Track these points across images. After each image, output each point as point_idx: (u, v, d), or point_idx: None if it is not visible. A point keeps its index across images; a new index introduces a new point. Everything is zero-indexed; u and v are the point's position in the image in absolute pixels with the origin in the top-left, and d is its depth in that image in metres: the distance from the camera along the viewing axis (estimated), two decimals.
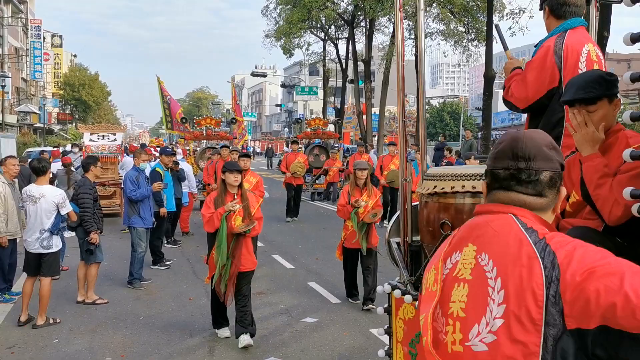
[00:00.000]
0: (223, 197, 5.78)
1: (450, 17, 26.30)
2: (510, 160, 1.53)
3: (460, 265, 1.53)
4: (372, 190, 7.14)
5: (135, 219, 8.24)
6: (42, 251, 6.45)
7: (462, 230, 1.59)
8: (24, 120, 43.61)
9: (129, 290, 7.96)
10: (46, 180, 6.68)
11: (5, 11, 41.17)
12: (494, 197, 1.57)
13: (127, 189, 8.28)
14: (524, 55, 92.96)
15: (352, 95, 46.37)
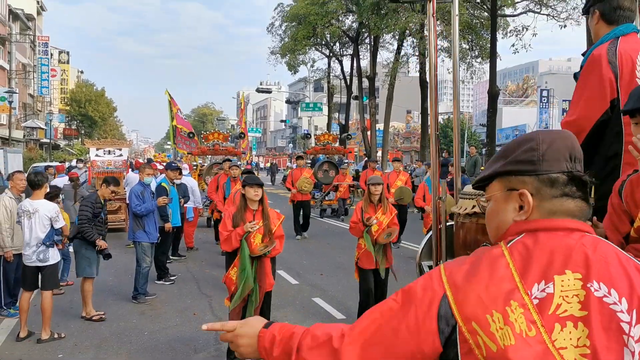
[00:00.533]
0: (242, 213, 5.47)
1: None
2: (567, 162, 1.31)
3: (558, 299, 1.19)
4: (388, 207, 6.72)
5: (140, 234, 8.25)
6: (39, 264, 6.45)
7: (536, 255, 1.25)
8: (30, 135, 43.89)
9: (133, 305, 7.97)
10: (42, 194, 6.68)
11: (13, 28, 41.65)
12: (562, 207, 1.30)
13: (132, 204, 8.30)
14: (527, 72, 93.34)
15: (356, 112, 46.60)
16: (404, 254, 11.44)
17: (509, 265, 1.24)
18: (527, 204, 1.32)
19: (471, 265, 1.28)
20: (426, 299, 1.26)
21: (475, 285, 1.22)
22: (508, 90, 70.04)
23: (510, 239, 1.31)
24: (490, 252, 1.29)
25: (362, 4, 28.13)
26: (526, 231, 1.30)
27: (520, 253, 1.26)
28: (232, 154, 17.19)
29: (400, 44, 29.17)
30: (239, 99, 19.89)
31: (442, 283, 1.27)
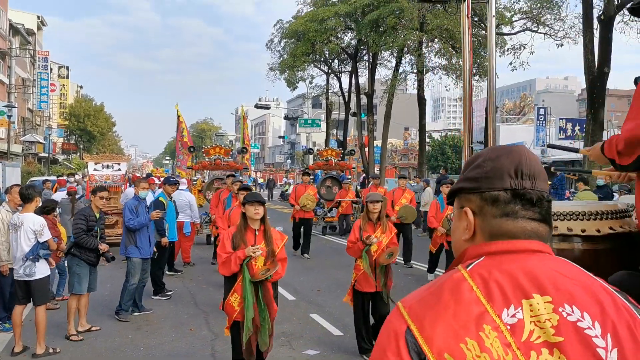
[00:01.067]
0: (243, 233, 5.08)
1: (452, 52, 26.65)
2: (511, 178, 1.23)
3: (530, 325, 1.11)
4: (387, 226, 6.40)
5: (132, 249, 8.13)
6: (25, 279, 6.37)
7: (499, 279, 1.16)
8: (29, 149, 43.88)
9: (130, 320, 7.91)
10: (32, 208, 6.64)
11: (14, 42, 41.86)
12: (501, 228, 1.23)
13: (126, 218, 8.21)
14: (525, 90, 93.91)
15: (354, 128, 46.73)
16: (416, 275, 11.38)
17: (473, 289, 1.15)
18: (469, 223, 1.26)
19: (431, 294, 1.18)
20: (392, 344, 1.14)
21: (442, 314, 1.12)
22: (505, 108, 70.35)
23: (469, 262, 1.22)
24: (451, 278, 1.19)
25: (360, 22, 28.38)
26: (486, 254, 1.22)
27: (482, 277, 1.16)
28: (234, 169, 16.80)
29: (399, 61, 29.38)
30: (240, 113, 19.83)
31: (402, 319, 1.16)
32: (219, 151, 16.83)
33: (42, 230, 6.50)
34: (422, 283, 10.55)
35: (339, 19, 30.03)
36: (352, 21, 30.74)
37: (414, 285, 10.31)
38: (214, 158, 16.54)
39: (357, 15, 29.51)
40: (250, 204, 5.09)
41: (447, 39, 25.64)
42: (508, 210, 1.23)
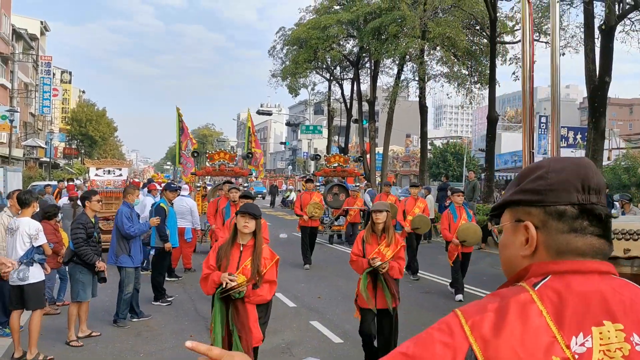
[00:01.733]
0: (229, 247, 4.59)
1: (454, 60, 26.73)
2: (579, 192, 1.16)
3: (598, 354, 1.05)
4: (393, 238, 5.82)
5: (124, 259, 7.88)
6: (19, 283, 6.33)
7: (569, 303, 1.10)
8: (30, 154, 43.97)
9: (129, 326, 7.91)
10: (29, 212, 6.62)
11: (16, 47, 42.01)
12: (569, 245, 1.16)
13: (125, 225, 7.84)
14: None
15: (356, 135, 46.84)
16: (426, 287, 11.32)
17: (542, 314, 1.08)
18: (531, 238, 1.18)
19: (496, 313, 1.10)
20: (448, 356, 1.08)
21: (509, 339, 1.05)
22: (507, 116, 70.41)
23: (535, 281, 1.14)
24: (517, 298, 1.11)
25: (363, 29, 28.49)
26: (553, 273, 1.14)
27: (551, 300, 1.09)
28: (239, 174, 16.26)
29: (400, 68, 29.47)
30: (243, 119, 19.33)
31: (465, 336, 1.09)
32: (224, 156, 16.21)
33: (38, 234, 6.47)
34: (434, 298, 10.54)
35: (341, 26, 30.15)
36: (354, 29, 30.86)
37: (424, 300, 10.31)
38: (218, 164, 15.93)
39: (360, 23, 29.63)
40: (241, 215, 4.58)
41: (448, 46, 25.72)
42: (576, 226, 1.16)
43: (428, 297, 10.06)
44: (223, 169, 15.87)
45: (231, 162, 16.13)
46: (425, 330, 1.16)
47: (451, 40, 24.20)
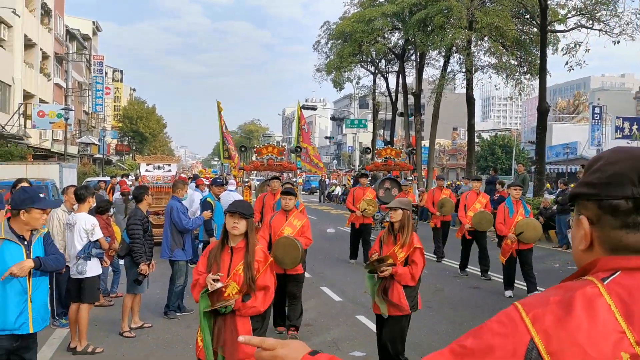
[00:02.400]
0: (219, 251, 4.16)
1: (502, 51, 26.11)
2: (634, 186, 1.11)
3: None
4: (408, 239, 5.24)
5: (179, 252, 8.11)
6: (77, 277, 6.57)
7: (637, 300, 1.06)
8: (84, 151, 45.45)
9: (179, 318, 8.08)
10: (85, 208, 6.84)
11: (70, 48, 43.44)
12: (620, 242, 1.12)
13: (183, 221, 8.07)
14: (578, 89, 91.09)
15: (401, 128, 46.42)
16: (474, 283, 11.19)
17: (611, 308, 1.04)
18: (585, 233, 1.16)
19: (560, 306, 1.06)
20: (508, 349, 1.05)
21: (574, 333, 1.01)
22: (558, 107, 68.45)
23: (603, 275, 1.10)
24: (584, 291, 1.07)
25: (408, 21, 28.15)
26: (623, 269, 1.09)
27: (620, 295, 1.05)
28: (288, 169, 15.80)
29: (447, 60, 29.02)
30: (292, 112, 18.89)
31: (526, 329, 1.06)
32: (272, 150, 15.65)
33: (94, 229, 6.69)
34: (485, 294, 10.36)
35: (386, 19, 29.89)
36: (399, 21, 30.54)
37: (479, 296, 10.15)
38: (266, 158, 15.38)
39: (405, 15, 29.30)
40: (230, 214, 4.12)
41: (497, 37, 25.15)
42: (629, 222, 1.11)
43: (476, 293, 9.89)
44: (271, 164, 15.34)
45: (279, 157, 15.60)
46: (483, 322, 1.13)
47: (499, 30, 23.65)
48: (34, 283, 4.24)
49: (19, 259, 4.12)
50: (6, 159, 17.73)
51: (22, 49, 30.68)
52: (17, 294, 4.12)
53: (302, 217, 7.12)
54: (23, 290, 4.15)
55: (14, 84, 29.72)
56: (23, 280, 4.15)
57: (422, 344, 6.82)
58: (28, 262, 4.10)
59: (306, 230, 6.96)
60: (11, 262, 4.08)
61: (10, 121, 27.64)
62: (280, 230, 6.76)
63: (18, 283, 4.13)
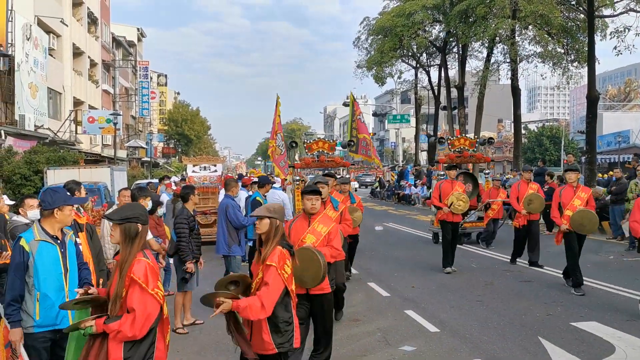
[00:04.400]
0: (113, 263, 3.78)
1: (547, 39, 25.45)
2: None
3: None
4: (269, 254, 4.23)
5: (235, 248, 8.36)
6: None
7: None
8: (133, 154, 46.64)
9: None
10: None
11: (117, 54, 44.64)
12: None
13: (240, 217, 8.40)
14: (629, 75, 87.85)
15: (445, 122, 45.83)
16: (526, 277, 11.01)
17: None
18: None
19: None
20: None
21: None
22: (608, 95, 66.19)
23: None
24: None
25: (449, 13, 27.77)
26: None
27: None
28: (340, 165, 14.95)
29: (490, 51, 28.48)
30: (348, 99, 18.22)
31: None
32: (322, 146, 14.68)
33: None
34: (536, 285, 10.15)
35: (427, 12, 29.56)
36: (440, 13, 30.15)
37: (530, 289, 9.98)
38: (317, 154, 14.43)
39: (446, 7, 28.92)
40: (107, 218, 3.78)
41: (542, 25, 24.54)
42: None
43: (528, 286, 9.68)
44: (323, 160, 14.42)
45: (330, 152, 14.68)
46: None
47: (544, 18, 23.06)
48: (70, 279, 4.39)
49: (55, 258, 4.28)
50: (60, 164, 18.37)
51: (70, 57, 31.71)
52: (56, 290, 4.28)
53: (329, 222, 5.67)
54: (61, 286, 4.31)
55: (64, 91, 30.74)
56: (60, 278, 4.31)
57: (474, 339, 6.73)
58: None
59: (333, 237, 5.54)
60: (49, 263, 4.24)
61: (62, 128, 28.61)
62: (300, 239, 5.43)
63: (56, 280, 4.28)
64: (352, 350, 6.49)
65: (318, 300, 5.35)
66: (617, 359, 5.96)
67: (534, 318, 7.57)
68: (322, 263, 5.08)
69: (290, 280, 4.19)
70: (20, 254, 4.17)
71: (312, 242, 5.36)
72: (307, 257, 5.09)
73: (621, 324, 7.13)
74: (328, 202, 7.24)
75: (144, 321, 3.36)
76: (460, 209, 10.99)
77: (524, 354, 6.17)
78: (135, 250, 3.53)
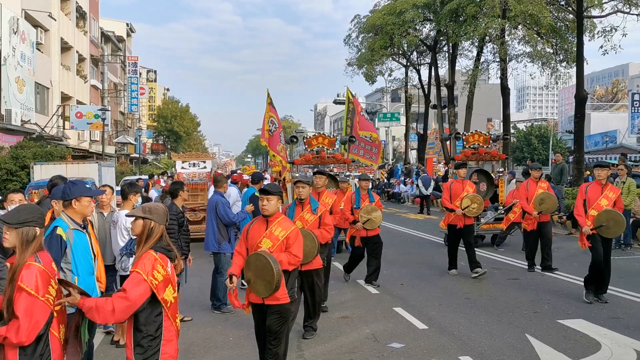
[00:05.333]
0: None
1: (537, 39, 25.60)
2: None
3: None
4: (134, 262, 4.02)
5: (225, 245, 8.26)
6: (122, 273, 6.68)
7: None
8: (121, 150, 46.33)
9: (218, 312, 8.17)
10: (129, 205, 6.92)
11: (105, 49, 44.30)
12: None
13: (230, 214, 8.29)
14: (617, 76, 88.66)
15: (434, 121, 45.93)
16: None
17: None
18: None
19: None
20: None
21: None
22: (596, 95, 66.75)
23: None
24: None
25: (440, 12, 27.86)
26: None
27: None
28: (342, 162, 14.12)
29: (480, 50, 28.60)
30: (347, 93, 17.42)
31: None
32: (322, 141, 13.71)
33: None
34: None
35: (417, 10, 29.62)
36: (430, 12, 30.22)
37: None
38: (316, 149, 13.52)
39: (436, 6, 28.98)
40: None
41: (531, 24, 24.68)
42: None
43: (515, 285, 9.73)
44: (323, 156, 13.52)
45: (331, 148, 13.68)
46: None
47: (534, 18, 23.19)
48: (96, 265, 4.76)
49: (87, 245, 4.65)
50: (47, 159, 18.20)
51: (58, 52, 31.41)
52: (89, 274, 4.65)
53: (289, 225, 5.18)
54: (92, 271, 4.69)
55: (52, 86, 30.47)
56: (91, 262, 4.67)
57: (462, 336, 6.76)
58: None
59: (292, 243, 5.07)
60: (83, 249, 4.60)
61: (49, 123, 28.36)
62: (257, 243, 5.05)
63: (89, 265, 4.65)
64: (341, 348, 6.50)
65: (274, 311, 5.00)
66: (603, 356, 6.01)
67: (521, 315, 7.62)
68: (275, 271, 4.69)
69: (161, 288, 3.63)
70: (58, 242, 4.47)
71: (268, 247, 4.97)
72: (259, 263, 4.80)
73: (607, 321, 7.20)
74: (307, 203, 6.78)
75: (31, 328, 3.30)
76: (474, 211, 10.31)
77: (511, 351, 6.20)
78: (27, 255, 3.41)
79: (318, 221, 6.76)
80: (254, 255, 4.90)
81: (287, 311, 5.10)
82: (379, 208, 9.39)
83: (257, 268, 4.79)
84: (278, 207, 5.19)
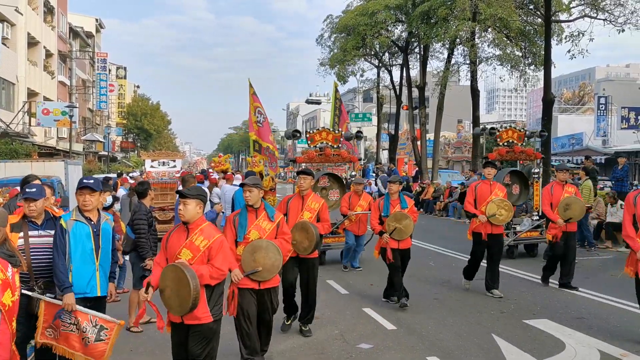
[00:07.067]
0: None
1: (506, 42, 25.96)
2: None
3: None
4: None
5: None
6: None
7: None
8: (89, 148, 45.54)
9: None
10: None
11: (74, 45, 43.47)
12: None
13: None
14: (584, 79, 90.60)
15: (406, 121, 46.25)
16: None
17: None
18: None
19: None
20: None
21: None
22: (563, 98, 68.07)
23: None
24: None
25: (411, 14, 28.06)
26: None
27: None
28: (347, 160, 12.91)
29: (451, 52, 28.89)
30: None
31: None
32: (325, 137, 12.31)
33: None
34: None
35: (389, 11, 29.77)
36: (402, 13, 30.41)
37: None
38: (320, 146, 12.32)
39: (408, 8, 29.18)
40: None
41: (501, 28, 25.00)
42: None
43: (482, 285, 9.85)
44: (328, 154, 12.31)
45: (335, 144, 12.40)
46: None
47: (503, 21, 23.50)
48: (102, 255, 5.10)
49: (87, 236, 5.00)
50: (11, 157, 17.78)
51: (25, 47, 30.70)
52: (87, 263, 5.00)
53: (212, 235, 4.63)
54: (91, 260, 5.03)
55: (18, 82, 29.77)
56: (90, 251, 5.01)
57: (430, 337, 6.81)
58: None
59: (215, 254, 4.58)
60: (81, 239, 4.96)
61: (14, 119, 27.69)
62: (176, 254, 4.60)
63: (86, 254, 4.99)
64: (310, 348, 6.48)
65: (194, 331, 4.57)
66: (567, 356, 6.12)
67: (488, 316, 7.72)
68: (192, 286, 4.25)
69: None
70: (59, 229, 4.94)
71: (187, 259, 4.51)
72: (175, 277, 4.38)
73: (571, 321, 7.34)
74: (262, 209, 5.72)
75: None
76: (502, 219, 8.84)
77: (478, 351, 6.27)
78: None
79: (275, 230, 5.72)
80: (170, 267, 4.45)
81: (210, 331, 4.61)
82: (410, 215, 7.97)
83: (174, 282, 4.36)
84: (198, 211, 4.63)
